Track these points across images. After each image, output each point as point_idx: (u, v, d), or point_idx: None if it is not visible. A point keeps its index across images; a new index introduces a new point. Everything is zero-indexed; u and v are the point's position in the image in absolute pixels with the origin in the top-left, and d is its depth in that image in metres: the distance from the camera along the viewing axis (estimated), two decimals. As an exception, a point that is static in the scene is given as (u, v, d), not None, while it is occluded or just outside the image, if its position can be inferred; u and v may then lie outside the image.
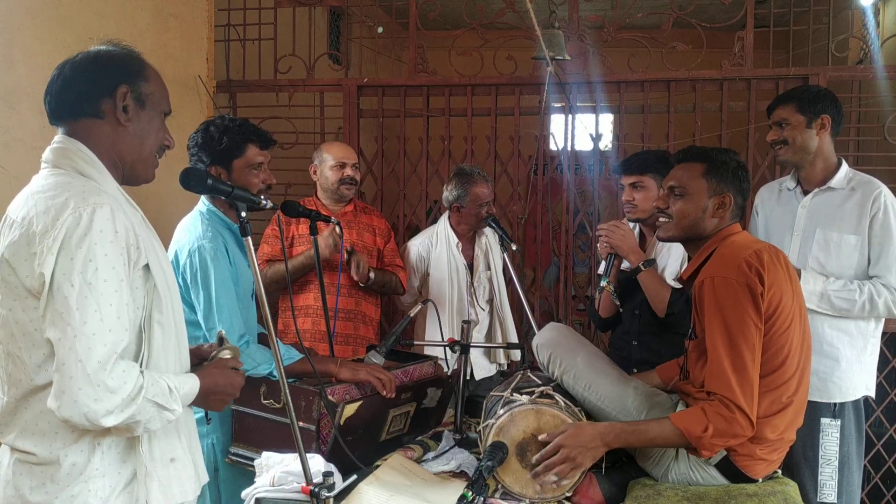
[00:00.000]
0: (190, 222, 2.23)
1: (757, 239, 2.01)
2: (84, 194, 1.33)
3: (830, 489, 2.42)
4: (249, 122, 2.31)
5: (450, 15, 4.19)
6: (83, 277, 1.28)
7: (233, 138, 2.20)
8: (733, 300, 1.79)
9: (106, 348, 1.28)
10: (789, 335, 1.83)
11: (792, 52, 4.63)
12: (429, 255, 3.24)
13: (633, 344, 2.58)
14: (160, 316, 1.42)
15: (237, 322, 2.11)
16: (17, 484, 1.35)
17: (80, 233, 1.29)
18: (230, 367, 1.58)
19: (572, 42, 3.69)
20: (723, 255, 1.90)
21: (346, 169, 3.07)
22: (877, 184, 2.44)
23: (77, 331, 1.26)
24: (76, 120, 1.44)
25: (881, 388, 3.42)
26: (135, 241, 1.37)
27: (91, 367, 1.26)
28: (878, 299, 2.35)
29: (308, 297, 3.02)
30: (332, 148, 3.13)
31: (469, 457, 2.15)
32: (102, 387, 1.26)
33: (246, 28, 4.01)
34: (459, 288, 3.19)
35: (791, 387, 1.84)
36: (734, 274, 1.80)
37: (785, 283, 1.85)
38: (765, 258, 1.84)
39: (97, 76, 1.44)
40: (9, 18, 2.69)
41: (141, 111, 1.48)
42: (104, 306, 1.29)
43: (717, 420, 1.74)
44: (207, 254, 2.11)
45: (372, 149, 4.04)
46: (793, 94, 2.51)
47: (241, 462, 2.11)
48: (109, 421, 1.28)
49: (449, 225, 3.23)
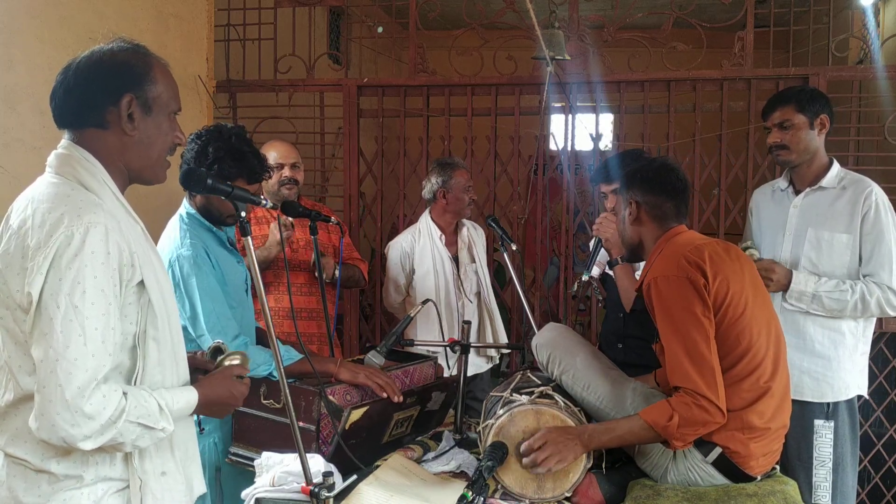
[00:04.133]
0: (170, 230, 2.21)
1: (703, 236, 2.04)
2: (80, 210, 1.31)
3: (825, 490, 2.42)
4: (249, 151, 2.22)
5: (450, 15, 4.19)
6: (70, 300, 1.26)
7: (223, 169, 2.14)
8: (677, 295, 1.83)
9: (87, 374, 1.26)
10: (746, 319, 1.86)
11: (792, 52, 4.63)
12: (412, 250, 3.25)
13: (619, 346, 2.59)
14: (155, 332, 1.40)
15: (228, 325, 2.10)
16: (11, 486, 1.35)
17: (70, 253, 1.27)
18: (234, 376, 1.57)
19: (572, 42, 3.68)
20: (664, 255, 1.95)
21: (284, 170, 2.99)
22: (867, 182, 2.44)
23: (59, 354, 1.25)
24: (81, 129, 1.42)
25: (881, 388, 3.43)
26: (129, 260, 1.35)
27: (70, 393, 1.25)
28: (870, 298, 2.34)
29: (269, 300, 2.96)
30: (271, 148, 3.04)
31: (469, 457, 2.15)
32: (80, 413, 1.25)
33: (246, 28, 4.01)
34: (446, 281, 3.20)
35: (765, 371, 1.87)
36: (674, 271, 1.85)
37: (733, 273, 1.89)
38: (706, 252, 1.88)
39: (101, 85, 1.41)
40: (9, 18, 2.69)
41: (147, 117, 1.44)
42: (89, 330, 1.27)
43: (683, 409, 1.77)
44: (186, 262, 2.09)
45: (372, 149, 4.04)
46: (790, 95, 2.50)
47: (241, 462, 2.11)
48: (87, 445, 1.27)
49: (431, 220, 3.25)
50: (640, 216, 2.06)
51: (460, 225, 3.32)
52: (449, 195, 3.19)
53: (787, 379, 1.95)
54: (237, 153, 2.18)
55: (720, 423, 1.79)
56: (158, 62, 1.48)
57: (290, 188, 3.01)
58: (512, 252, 2.85)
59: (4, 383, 1.37)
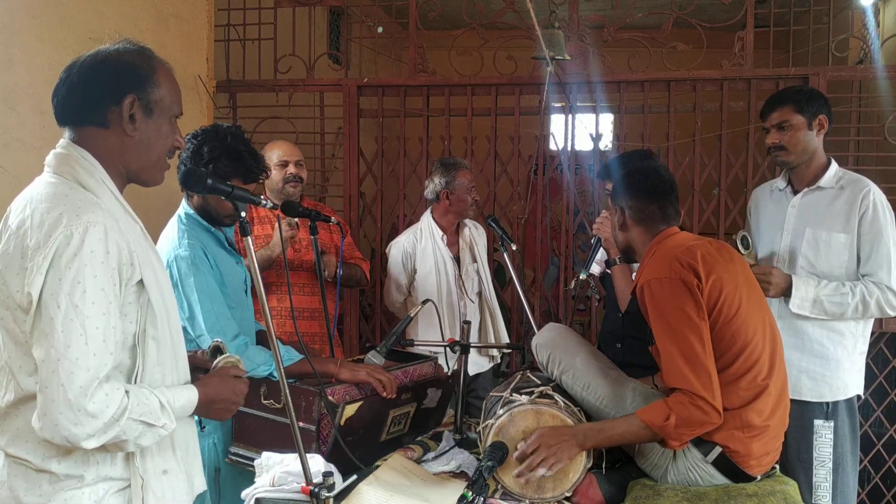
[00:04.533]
0: (169, 230, 2.21)
1: (696, 237, 2.04)
2: (79, 210, 1.31)
3: (825, 491, 2.42)
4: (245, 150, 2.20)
5: (450, 15, 4.19)
6: (70, 299, 1.27)
7: (219, 169, 2.13)
8: (670, 296, 1.83)
9: (89, 373, 1.27)
10: (740, 320, 1.86)
11: (792, 52, 4.63)
12: (414, 250, 3.24)
13: (617, 346, 2.60)
14: (155, 331, 1.40)
15: (227, 325, 2.10)
16: (12, 485, 1.35)
17: (70, 252, 1.28)
18: (232, 376, 1.57)
19: (572, 42, 3.68)
20: (656, 257, 1.95)
21: (289, 167, 3.02)
22: (865, 182, 2.44)
23: (60, 354, 1.26)
24: (81, 127, 1.42)
25: (881, 388, 3.43)
26: (128, 259, 1.35)
27: (73, 392, 1.25)
28: (871, 299, 2.34)
29: (272, 300, 2.97)
30: (274, 146, 3.08)
31: (469, 457, 2.15)
32: (83, 412, 1.26)
33: (246, 28, 4.01)
34: (448, 281, 3.20)
35: (762, 368, 1.87)
36: (666, 273, 1.85)
37: (727, 273, 1.89)
38: (698, 252, 1.88)
39: (104, 84, 1.41)
40: (9, 18, 2.69)
41: (148, 119, 1.44)
42: (90, 329, 1.28)
43: (680, 409, 1.77)
44: (184, 262, 2.09)
45: (372, 149, 4.04)
46: (788, 96, 2.50)
47: (241, 462, 2.11)
48: (91, 443, 1.28)
49: (432, 220, 3.25)
50: (626, 222, 2.07)
51: (462, 225, 3.31)
52: (452, 196, 3.18)
53: (784, 376, 1.95)
54: (233, 153, 2.17)
55: (717, 423, 1.80)
56: (163, 65, 1.49)
57: (295, 185, 3.03)
58: (512, 252, 2.85)
59: (5, 384, 1.37)
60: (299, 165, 3.07)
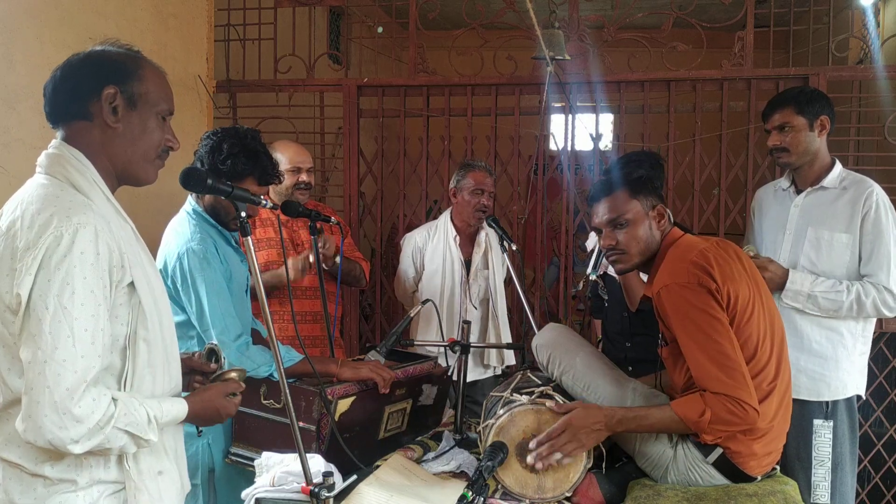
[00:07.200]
0: (178, 224, 2.22)
1: (703, 238, 2.02)
2: (69, 212, 1.30)
3: (824, 490, 2.42)
4: (263, 152, 2.22)
5: (450, 15, 4.19)
6: (59, 301, 1.25)
7: (236, 166, 2.15)
8: (693, 301, 1.81)
9: (76, 376, 1.25)
10: (753, 323, 1.85)
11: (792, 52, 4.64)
12: (425, 246, 3.18)
13: (627, 345, 2.59)
14: (146, 333, 1.39)
15: (232, 324, 2.10)
16: (7, 489, 1.35)
17: (59, 254, 1.27)
18: (227, 394, 1.56)
19: (572, 42, 3.68)
20: (671, 261, 1.92)
21: (301, 174, 2.89)
22: (869, 183, 2.44)
23: (47, 356, 1.24)
24: (68, 123, 1.42)
25: (881, 388, 3.43)
26: (119, 261, 1.34)
27: (59, 395, 1.24)
28: (866, 299, 2.34)
29: (273, 303, 2.90)
30: (286, 149, 2.92)
31: (469, 457, 2.15)
32: (69, 415, 1.24)
33: (246, 28, 4.01)
34: (453, 283, 3.12)
35: (769, 373, 1.87)
36: (685, 278, 1.83)
37: (739, 275, 1.88)
38: (711, 255, 1.86)
39: (86, 77, 1.41)
40: (9, 18, 2.69)
41: (132, 112, 1.43)
42: (78, 331, 1.26)
43: (717, 407, 1.76)
44: (196, 256, 2.10)
45: (372, 149, 4.04)
46: (789, 97, 2.50)
47: (241, 462, 2.11)
48: (76, 448, 1.26)
49: (450, 219, 3.21)
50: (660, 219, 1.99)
51: (481, 228, 3.19)
52: (458, 197, 3.12)
53: (788, 376, 1.95)
54: (251, 152, 2.19)
55: (754, 421, 1.77)
56: (151, 65, 1.49)
57: (304, 193, 2.92)
58: (512, 252, 2.84)
59: None
60: (311, 172, 2.97)
